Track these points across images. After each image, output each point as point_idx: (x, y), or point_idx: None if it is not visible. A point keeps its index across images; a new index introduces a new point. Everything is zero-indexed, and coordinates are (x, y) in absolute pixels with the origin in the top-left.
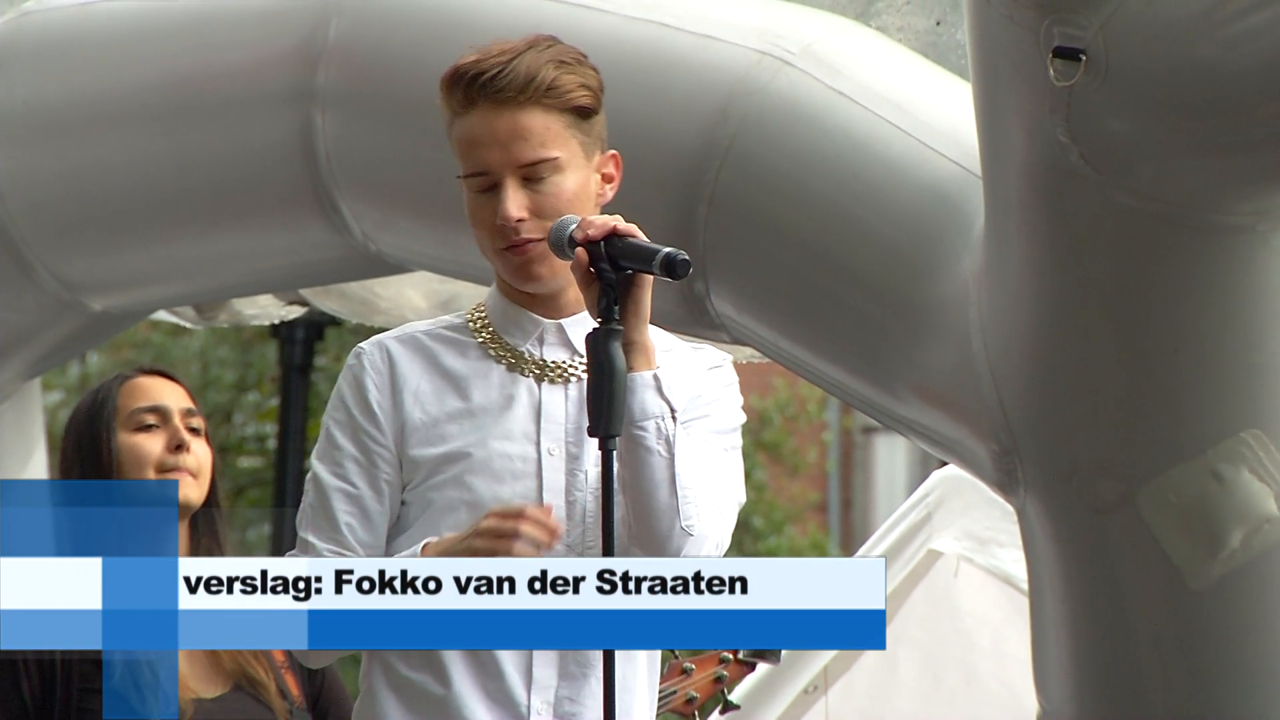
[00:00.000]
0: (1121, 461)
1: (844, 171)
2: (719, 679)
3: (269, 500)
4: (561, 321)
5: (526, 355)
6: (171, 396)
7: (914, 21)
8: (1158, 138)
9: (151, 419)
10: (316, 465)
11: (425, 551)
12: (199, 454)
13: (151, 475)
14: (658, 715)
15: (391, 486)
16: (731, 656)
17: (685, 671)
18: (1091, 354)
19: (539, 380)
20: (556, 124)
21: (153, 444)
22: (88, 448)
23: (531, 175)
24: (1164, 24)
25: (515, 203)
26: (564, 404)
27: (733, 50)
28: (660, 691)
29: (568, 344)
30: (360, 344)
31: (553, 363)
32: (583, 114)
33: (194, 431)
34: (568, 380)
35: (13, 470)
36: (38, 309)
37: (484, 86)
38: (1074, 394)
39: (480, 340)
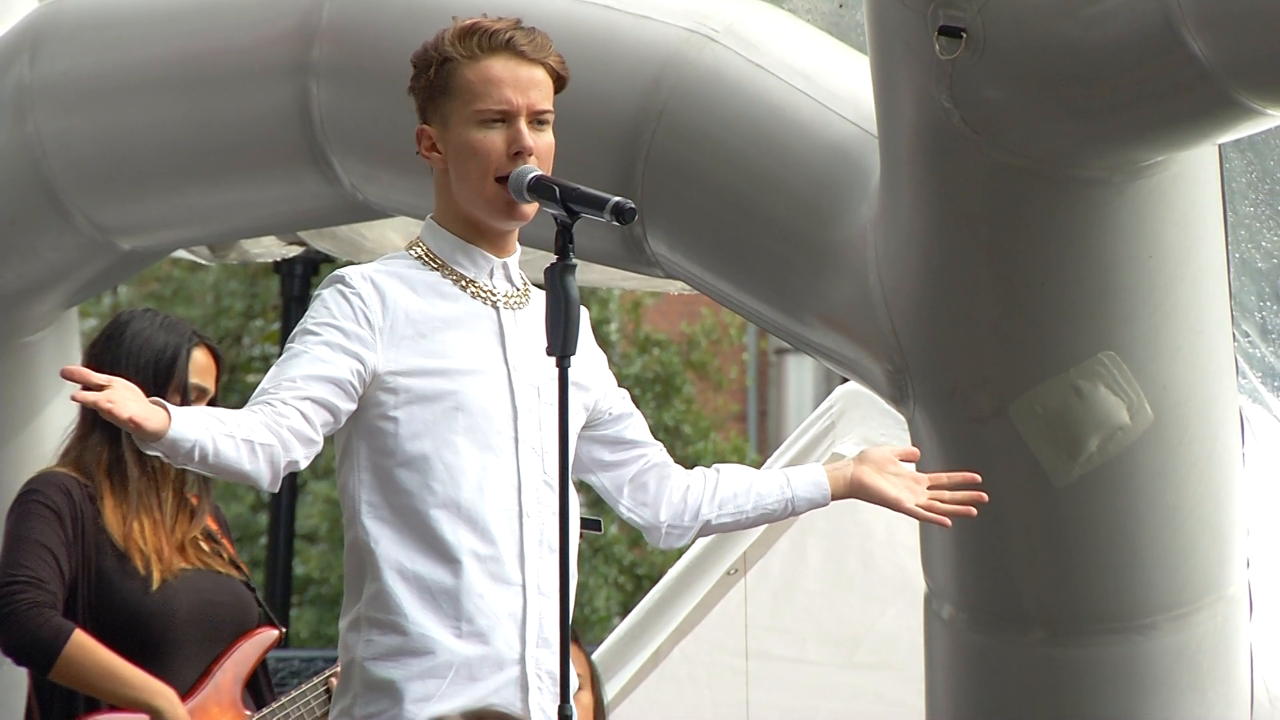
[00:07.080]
0: (996, 378)
1: (760, 133)
2: None
3: None
4: (506, 260)
5: (483, 286)
6: (211, 377)
7: (820, 4)
8: (1027, 104)
9: (194, 396)
10: (290, 345)
11: None
12: None
13: None
14: None
15: (353, 380)
16: None
17: None
18: (970, 287)
19: (495, 308)
20: (550, 88)
21: None
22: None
23: (536, 122)
24: (1033, 6)
25: (530, 137)
26: (516, 328)
27: (665, 29)
28: None
29: (509, 278)
30: (340, 272)
31: (504, 294)
32: (559, 88)
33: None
34: (514, 309)
35: (53, 388)
36: (75, 249)
37: (510, 40)
38: (955, 321)
39: (442, 274)
